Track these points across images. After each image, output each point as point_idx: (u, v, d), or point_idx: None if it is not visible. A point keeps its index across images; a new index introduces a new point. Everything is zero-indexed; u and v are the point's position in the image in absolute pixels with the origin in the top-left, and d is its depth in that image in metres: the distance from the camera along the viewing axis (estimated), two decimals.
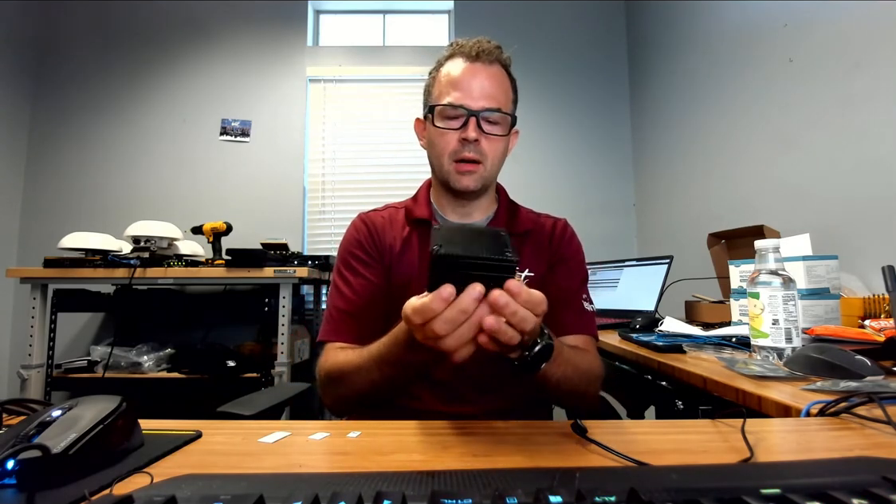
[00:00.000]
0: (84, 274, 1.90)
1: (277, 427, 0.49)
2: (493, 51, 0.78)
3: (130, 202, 2.57)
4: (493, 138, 0.78)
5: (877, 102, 1.21)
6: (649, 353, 1.00)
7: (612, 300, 1.74)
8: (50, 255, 1.93)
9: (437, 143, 0.79)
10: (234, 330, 2.39)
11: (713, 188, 1.94)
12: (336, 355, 0.73)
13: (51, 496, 0.32)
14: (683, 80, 2.17)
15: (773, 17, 1.57)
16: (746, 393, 0.65)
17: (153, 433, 0.46)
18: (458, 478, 0.33)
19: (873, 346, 0.80)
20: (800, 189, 1.46)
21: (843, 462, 0.37)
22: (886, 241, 1.18)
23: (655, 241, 2.46)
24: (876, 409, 0.48)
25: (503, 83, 0.80)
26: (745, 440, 0.42)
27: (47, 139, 2.63)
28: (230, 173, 2.62)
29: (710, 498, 0.26)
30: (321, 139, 2.71)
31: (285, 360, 1.87)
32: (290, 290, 1.91)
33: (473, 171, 0.78)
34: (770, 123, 1.60)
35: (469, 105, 0.76)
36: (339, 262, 0.84)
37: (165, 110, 2.66)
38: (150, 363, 2.02)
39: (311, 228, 2.66)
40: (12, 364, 2.40)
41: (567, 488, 0.27)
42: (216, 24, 2.72)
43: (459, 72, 0.78)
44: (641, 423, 0.50)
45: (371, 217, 0.86)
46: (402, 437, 0.47)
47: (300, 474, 0.38)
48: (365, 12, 2.94)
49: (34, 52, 2.66)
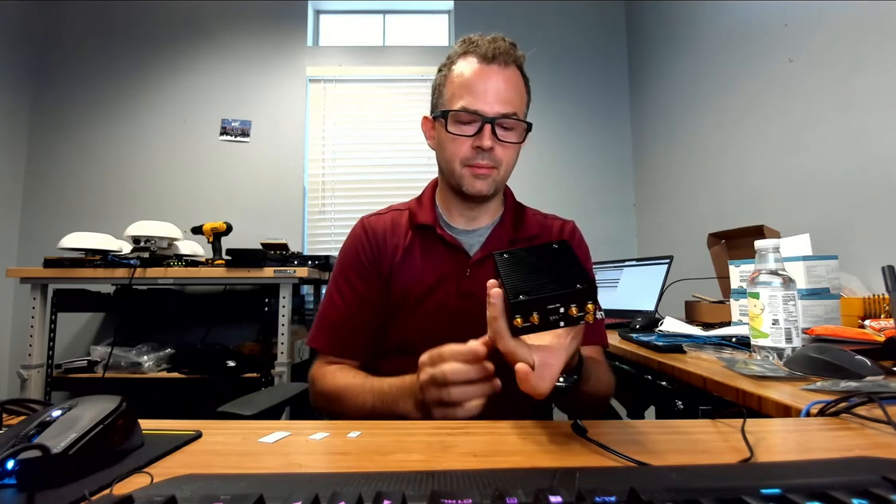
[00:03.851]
0: (84, 274, 1.90)
1: (277, 427, 0.49)
2: (509, 51, 0.74)
3: (130, 202, 2.57)
4: (507, 145, 0.75)
5: (877, 102, 1.21)
6: (649, 353, 1.00)
7: (612, 300, 1.74)
8: (50, 255, 1.93)
9: (449, 147, 0.76)
10: (234, 330, 2.39)
11: (713, 188, 1.94)
12: (334, 376, 0.74)
13: (51, 496, 0.32)
14: (683, 79, 2.17)
15: (773, 17, 1.57)
16: (746, 393, 0.65)
17: (153, 433, 0.46)
18: (458, 478, 0.33)
19: (873, 346, 0.80)
20: (800, 189, 1.46)
21: (843, 462, 0.37)
22: (886, 241, 1.18)
23: (655, 241, 2.46)
24: (876, 409, 0.48)
25: (518, 86, 0.76)
26: (745, 440, 0.42)
27: (47, 139, 2.63)
28: (230, 173, 2.62)
29: (710, 498, 0.26)
30: (321, 139, 2.71)
31: (285, 360, 1.87)
32: (290, 290, 1.91)
33: (488, 176, 0.76)
34: (770, 123, 1.60)
35: (484, 111, 0.72)
36: (337, 270, 0.84)
37: (165, 110, 2.66)
38: (150, 363, 2.02)
39: (311, 228, 2.66)
40: (12, 364, 2.40)
41: (567, 488, 0.27)
42: (216, 24, 2.72)
43: (474, 74, 0.73)
44: (641, 423, 0.50)
45: (372, 223, 0.84)
46: (402, 437, 0.47)
47: (300, 474, 0.38)
48: (365, 12, 2.94)
49: (34, 53, 2.66)
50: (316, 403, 0.76)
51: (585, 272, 0.43)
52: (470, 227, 0.83)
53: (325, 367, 0.77)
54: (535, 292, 0.42)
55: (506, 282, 0.44)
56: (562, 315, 0.42)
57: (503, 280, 0.45)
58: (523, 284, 0.43)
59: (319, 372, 0.77)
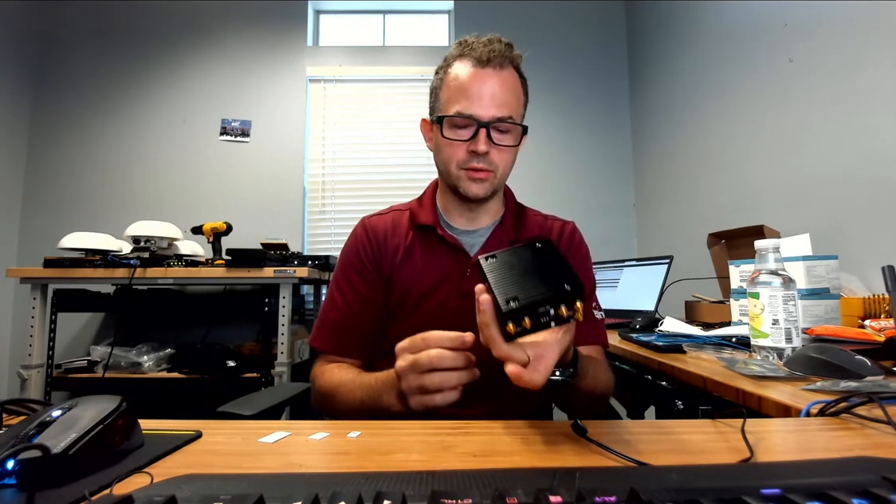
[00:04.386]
0: (84, 274, 1.90)
1: (277, 427, 0.49)
2: (504, 53, 0.73)
3: (130, 202, 2.57)
4: (503, 148, 0.75)
5: (877, 102, 1.21)
6: (649, 353, 1.00)
7: (612, 300, 1.74)
8: (50, 255, 1.93)
9: (445, 151, 0.77)
10: (234, 330, 2.39)
11: (713, 188, 1.94)
12: (332, 374, 0.75)
13: (51, 496, 0.32)
14: (683, 79, 2.17)
15: (773, 17, 1.57)
16: (746, 393, 0.65)
17: (153, 433, 0.46)
18: (458, 478, 0.33)
19: (873, 346, 0.80)
20: (800, 189, 1.46)
21: (843, 462, 0.37)
22: (886, 241, 1.18)
23: (655, 241, 2.46)
24: (876, 409, 0.48)
25: (514, 88, 0.75)
26: (745, 440, 0.42)
27: (47, 139, 2.63)
28: (230, 173, 2.62)
29: (710, 498, 0.26)
30: (321, 139, 2.71)
31: (285, 360, 1.87)
32: (290, 290, 1.91)
33: (484, 180, 0.76)
34: (770, 123, 1.60)
35: (479, 115, 0.72)
36: (339, 270, 0.84)
37: (165, 110, 2.66)
38: (150, 363, 2.02)
39: (311, 228, 2.66)
40: (12, 364, 2.40)
41: (567, 488, 0.27)
42: (216, 24, 2.72)
43: (469, 77, 0.73)
44: (641, 423, 0.50)
45: (373, 224, 0.85)
46: (402, 437, 0.47)
47: (300, 474, 0.38)
48: (365, 12, 2.94)
49: (34, 52, 2.66)
50: (316, 402, 0.77)
51: (572, 272, 0.44)
52: (470, 227, 0.84)
53: (324, 366, 0.78)
54: (525, 298, 0.42)
55: (494, 288, 0.44)
56: (552, 316, 0.42)
57: (491, 286, 0.44)
58: (511, 290, 0.43)
59: (319, 370, 0.77)
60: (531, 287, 0.43)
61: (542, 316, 0.42)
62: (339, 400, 0.69)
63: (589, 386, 0.61)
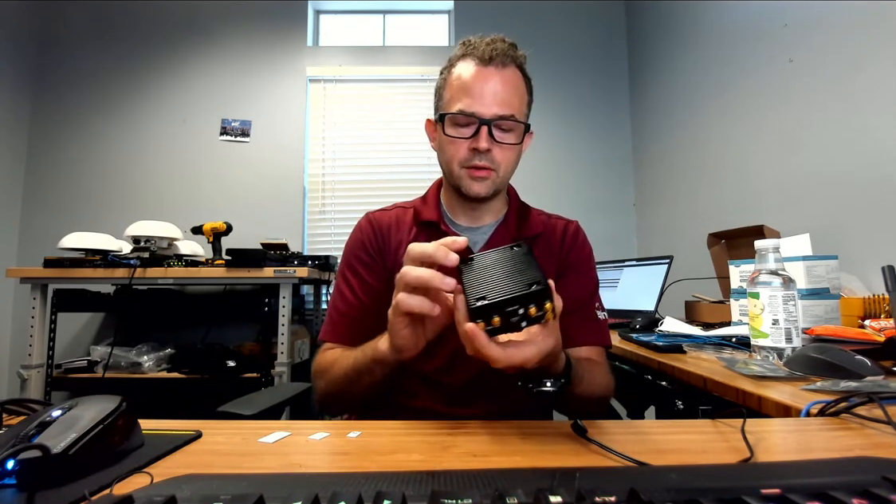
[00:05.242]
0: (84, 274, 1.90)
1: (277, 427, 0.49)
2: (507, 52, 0.74)
3: (130, 202, 2.57)
4: (505, 147, 0.75)
5: (877, 102, 1.21)
6: (649, 353, 1.00)
7: (612, 300, 1.74)
8: (50, 255, 1.93)
9: (447, 149, 0.77)
10: (234, 330, 2.39)
11: (713, 188, 1.94)
12: (325, 353, 0.75)
13: (51, 496, 0.32)
14: (683, 79, 2.17)
15: (773, 17, 1.57)
16: (746, 393, 0.65)
17: (153, 433, 0.46)
18: (458, 478, 0.33)
19: (873, 346, 0.80)
20: (800, 189, 1.46)
21: (843, 462, 0.37)
22: (886, 241, 1.18)
23: (655, 241, 2.46)
24: (876, 409, 0.48)
25: (518, 86, 0.76)
26: (745, 440, 0.42)
27: (48, 139, 2.63)
28: (230, 173, 2.62)
29: (710, 498, 0.26)
30: (321, 139, 2.71)
31: (285, 360, 1.87)
32: (290, 290, 1.91)
33: (486, 178, 0.76)
34: (770, 123, 1.60)
35: (481, 113, 0.72)
36: (343, 264, 0.84)
37: (165, 110, 2.66)
38: (150, 363, 2.02)
39: (311, 228, 2.66)
40: (12, 364, 2.40)
41: (567, 488, 0.27)
42: (216, 24, 2.72)
43: (471, 76, 0.74)
44: (641, 423, 0.50)
45: (377, 217, 0.85)
46: (402, 437, 0.47)
47: (300, 474, 0.38)
48: (365, 12, 2.94)
49: (34, 53, 2.66)
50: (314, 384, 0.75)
51: (542, 273, 0.44)
52: (474, 224, 0.84)
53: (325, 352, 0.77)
54: (493, 297, 0.43)
55: (465, 287, 0.46)
56: (522, 316, 0.43)
57: (463, 285, 0.46)
58: (481, 288, 0.44)
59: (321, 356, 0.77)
60: (502, 287, 0.44)
61: (511, 315, 0.43)
62: (336, 370, 0.69)
63: (584, 392, 0.61)
